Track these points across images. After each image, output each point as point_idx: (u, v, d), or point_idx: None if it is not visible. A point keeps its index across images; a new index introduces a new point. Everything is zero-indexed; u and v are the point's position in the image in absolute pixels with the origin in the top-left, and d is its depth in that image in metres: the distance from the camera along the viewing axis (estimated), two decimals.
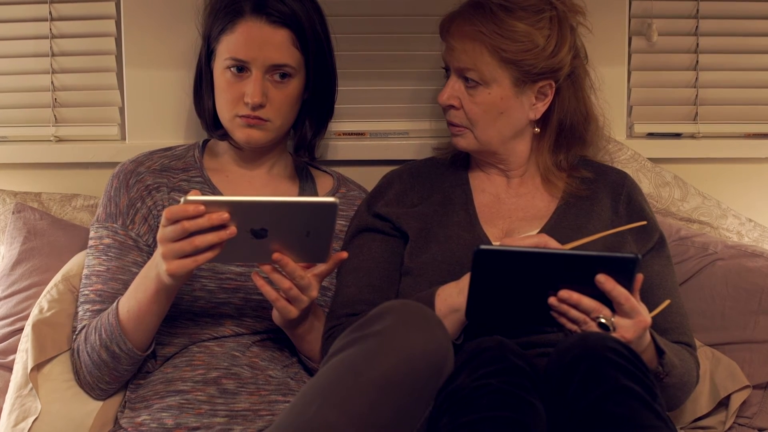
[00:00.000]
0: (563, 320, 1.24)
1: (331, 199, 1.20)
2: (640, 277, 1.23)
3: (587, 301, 1.21)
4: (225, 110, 1.48)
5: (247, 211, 1.19)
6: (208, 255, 1.21)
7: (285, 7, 1.45)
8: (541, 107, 1.49)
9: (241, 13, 1.44)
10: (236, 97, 1.46)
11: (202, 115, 1.54)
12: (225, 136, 1.52)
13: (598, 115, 1.58)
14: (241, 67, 1.44)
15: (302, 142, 1.58)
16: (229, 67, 1.45)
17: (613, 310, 1.23)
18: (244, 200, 1.19)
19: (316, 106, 1.56)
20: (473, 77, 1.45)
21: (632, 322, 1.23)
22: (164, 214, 1.20)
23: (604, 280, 1.20)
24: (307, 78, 1.51)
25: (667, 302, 1.39)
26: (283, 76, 1.46)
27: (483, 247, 1.18)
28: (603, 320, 1.22)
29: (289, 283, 1.28)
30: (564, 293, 1.21)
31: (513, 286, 1.23)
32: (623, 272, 1.21)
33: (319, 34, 1.50)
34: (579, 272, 1.21)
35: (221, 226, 1.19)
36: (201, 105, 1.54)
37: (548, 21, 1.44)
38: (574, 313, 1.22)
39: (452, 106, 1.49)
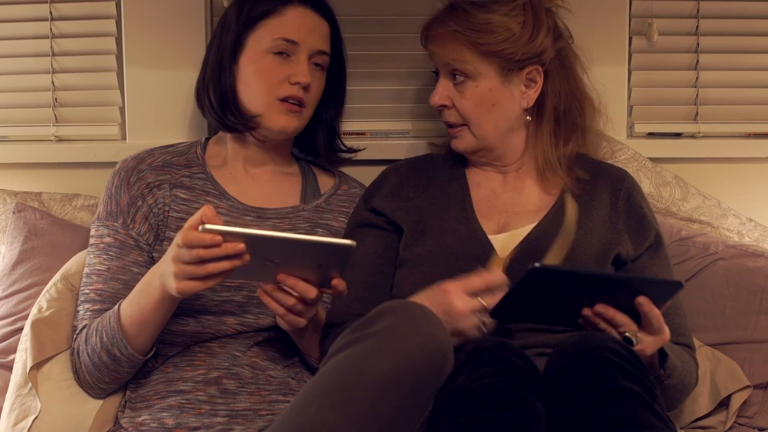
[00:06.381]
0: (589, 328, 1.27)
1: (349, 242, 1.20)
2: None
3: (620, 317, 1.25)
4: (264, 94, 1.48)
5: (263, 244, 1.19)
6: (219, 279, 1.21)
7: (327, 2, 1.54)
8: (533, 94, 1.50)
9: (289, 0, 1.48)
10: (279, 79, 1.48)
11: (225, 109, 1.50)
12: (250, 128, 1.51)
13: (592, 95, 1.58)
14: (287, 51, 1.47)
15: (330, 135, 1.63)
16: (274, 50, 1.47)
17: (639, 325, 1.26)
18: (262, 234, 1.18)
19: (328, 104, 1.60)
20: (459, 74, 1.48)
21: (655, 338, 1.27)
22: (181, 237, 1.19)
23: (644, 302, 1.23)
24: (328, 75, 1.56)
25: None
26: (321, 64, 1.53)
27: (538, 265, 1.18)
28: (628, 334, 1.25)
29: (294, 300, 1.28)
30: (601, 308, 1.24)
31: (552, 297, 1.25)
32: (662, 295, 1.25)
33: (341, 37, 1.57)
34: (619, 291, 1.24)
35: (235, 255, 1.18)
36: (223, 99, 1.50)
37: (521, 8, 1.46)
38: (603, 324, 1.26)
39: (445, 106, 1.51)
